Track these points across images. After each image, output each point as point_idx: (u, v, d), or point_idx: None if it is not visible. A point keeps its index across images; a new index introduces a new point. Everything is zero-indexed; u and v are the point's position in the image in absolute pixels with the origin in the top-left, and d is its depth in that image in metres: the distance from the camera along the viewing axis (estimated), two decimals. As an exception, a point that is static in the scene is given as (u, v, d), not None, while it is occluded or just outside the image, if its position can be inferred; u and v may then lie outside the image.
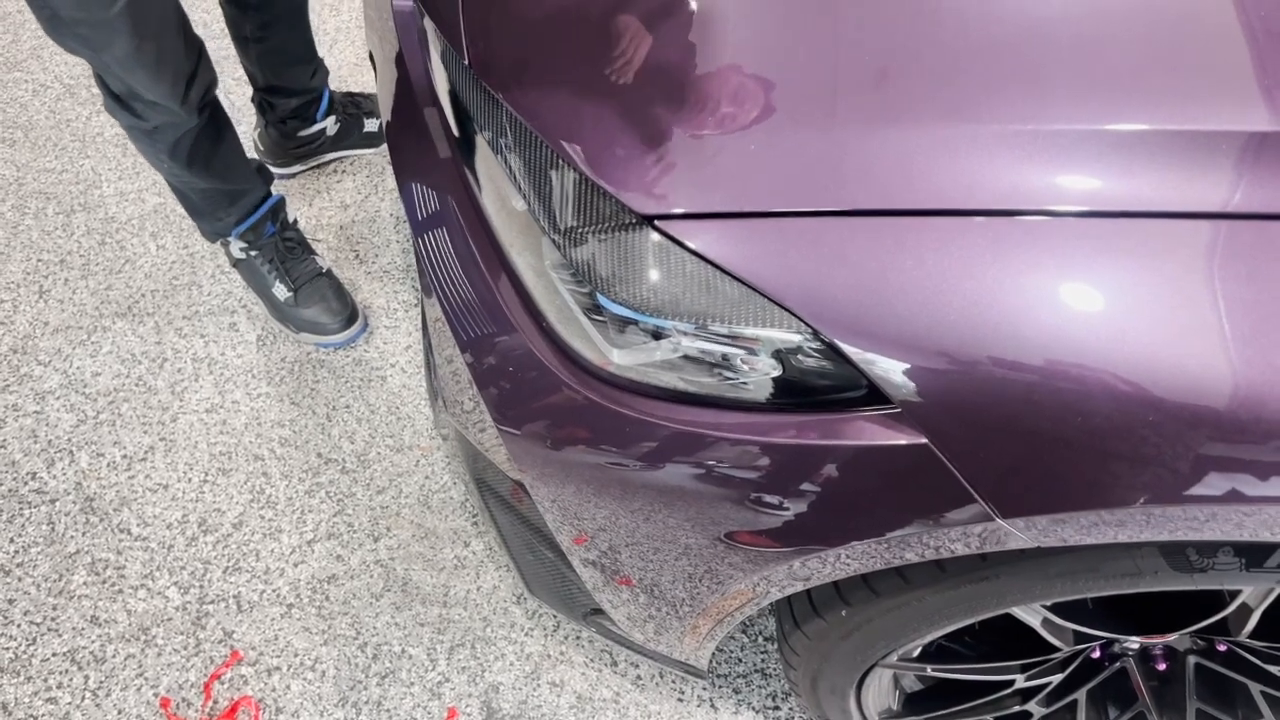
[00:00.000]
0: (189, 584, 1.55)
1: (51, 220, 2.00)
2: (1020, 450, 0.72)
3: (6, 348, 1.80)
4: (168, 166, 1.50)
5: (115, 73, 1.28)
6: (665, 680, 1.48)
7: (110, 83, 1.34)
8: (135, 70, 1.27)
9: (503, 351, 0.94)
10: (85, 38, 1.22)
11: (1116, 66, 0.75)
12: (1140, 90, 0.74)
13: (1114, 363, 0.68)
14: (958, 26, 0.79)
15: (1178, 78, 0.74)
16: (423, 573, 1.57)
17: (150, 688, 1.46)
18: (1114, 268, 0.69)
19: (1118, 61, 0.75)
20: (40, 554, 1.58)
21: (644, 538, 0.98)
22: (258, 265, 1.77)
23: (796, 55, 0.81)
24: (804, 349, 0.77)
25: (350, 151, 2.13)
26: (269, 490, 1.65)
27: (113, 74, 1.29)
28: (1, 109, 2.18)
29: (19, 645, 1.49)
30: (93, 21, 1.19)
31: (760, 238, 0.76)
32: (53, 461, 1.67)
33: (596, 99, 0.84)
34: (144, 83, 1.29)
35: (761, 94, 0.80)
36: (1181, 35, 0.77)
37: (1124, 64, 0.75)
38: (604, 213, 0.81)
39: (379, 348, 1.84)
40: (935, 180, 0.72)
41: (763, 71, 0.81)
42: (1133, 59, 0.75)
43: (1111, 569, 0.82)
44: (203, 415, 1.73)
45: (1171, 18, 0.77)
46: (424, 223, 1.02)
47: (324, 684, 1.46)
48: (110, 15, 1.18)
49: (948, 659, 1.08)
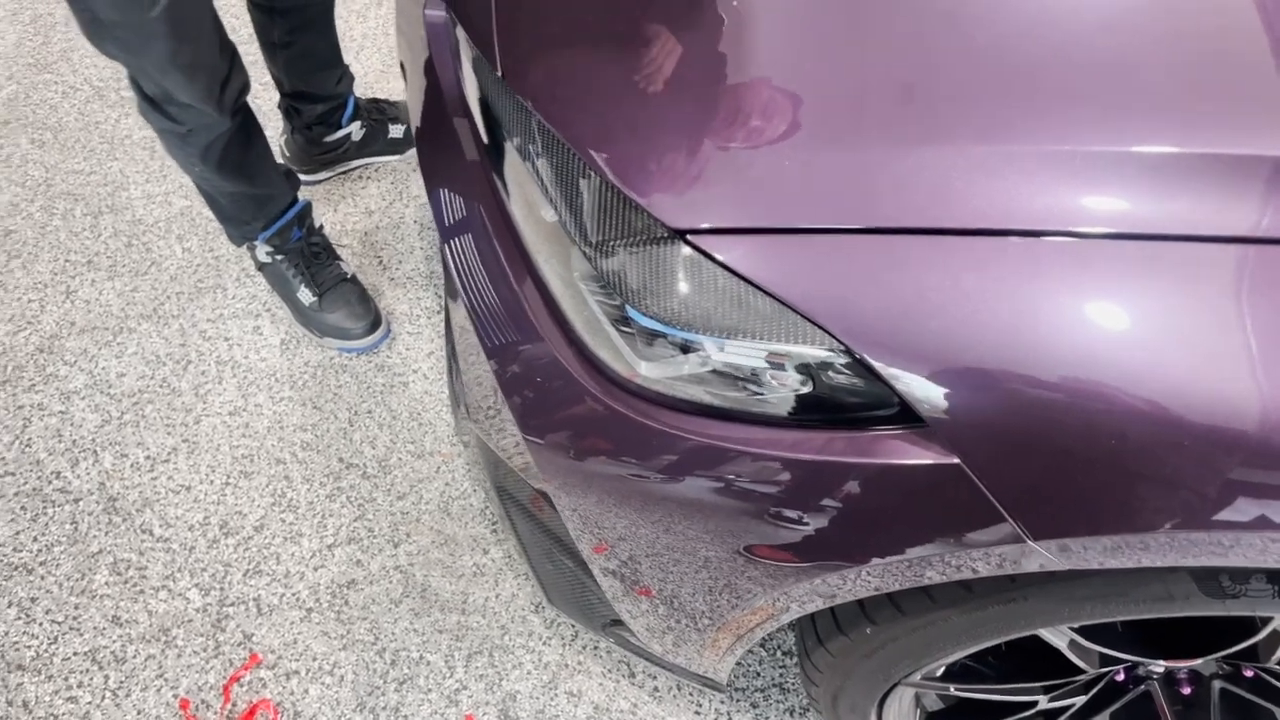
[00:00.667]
0: (210, 586, 1.56)
1: (79, 221, 2.01)
2: (1052, 471, 0.71)
3: (33, 347, 1.82)
4: (199, 170, 1.51)
5: (151, 76, 1.29)
6: (683, 693, 1.47)
7: (145, 86, 1.35)
8: (171, 73, 1.28)
9: (529, 360, 0.94)
10: (124, 40, 1.23)
11: (1149, 89, 0.75)
12: (1174, 113, 0.74)
13: (1148, 385, 0.67)
14: (992, 47, 0.79)
15: (1210, 101, 0.74)
16: (442, 579, 1.57)
17: (170, 689, 1.46)
18: (1147, 290, 0.69)
19: (1150, 84, 0.75)
20: (63, 553, 1.59)
21: (664, 549, 0.98)
22: (283, 269, 1.78)
23: (830, 73, 0.81)
24: (835, 366, 0.77)
25: (376, 159, 2.13)
26: (290, 494, 1.66)
27: (149, 77, 1.30)
28: (31, 110, 2.20)
29: (40, 644, 1.50)
30: (132, 24, 1.20)
31: (793, 254, 0.76)
32: (77, 461, 1.69)
33: (629, 112, 0.84)
34: (179, 85, 1.31)
35: (795, 110, 0.80)
36: (1213, 59, 0.77)
37: (1156, 87, 0.75)
38: (635, 225, 0.81)
39: (401, 354, 1.84)
40: (970, 200, 0.72)
41: (796, 88, 0.81)
42: (1165, 82, 0.75)
43: (1142, 593, 0.81)
44: (226, 418, 1.74)
45: (1203, 41, 0.77)
46: (452, 229, 1.02)
47: (342, 689, 1.47)
48: (149, 18, 1.19)
49: (971, 679, 1.07)
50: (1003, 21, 0.79)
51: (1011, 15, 0.80)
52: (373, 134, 2.08)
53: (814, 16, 0.84)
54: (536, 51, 0.93)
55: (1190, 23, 0.78)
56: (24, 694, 1.46)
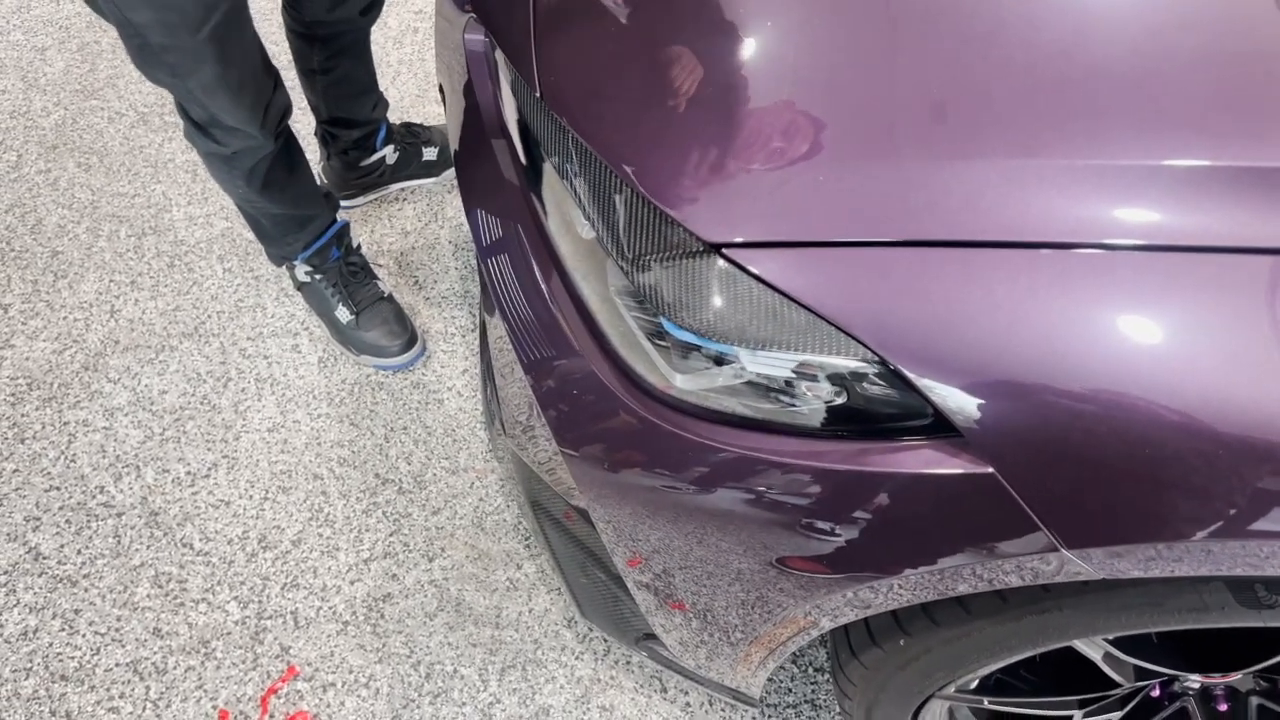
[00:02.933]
0: (248, 599, 1.58)
1: (124, 242, 2.06)
2: (1086, 481, 0.72)
3: (79, 364, 1.86)
4: (242, 192, 1.55)
5: (198, 99, 1.33)
6: (715, 708, 1.48)
7: (191, 111, 1.39)
8: (218, 94, 1.31)
9: (565, 374, 0.95)
10: (173, 65, 1.26)
11: (1180, 103, 0.76)
12: (1205, 127, 0.74)
13: (1181, 395, 0.68)
14: (1025, 63, 0.80)
15: (1241, 114, 0.75)
16: (476, 594, 1.58)
17: (209, 700, 1.49)
18: (1180, 301, 0.70)
19: (1181, 98, 0.76)
20: (106, 565, 1.62)
21: (697, 561, 0.98)
22: (322, 289, 1.81)
23: (864, 88, 0.82)
24: (870, 377, 0.78)
25: (411, 182, 2.17)
26: (327, 509, 1.68)
27: (195, 101, 1.34)
28: (79, 135, 2.26)
29: (84, 654, 1.53)
30: (181, 48, 1.24)
31: (828, 267, 0.77)
32: (120, 476, 1.72)
33: (664, 129, 0.86)
34: (225, 108, 1.34)
35: (828, 125, 0.81)
36: (1243, 72, 0.77)
37: (1187, 101, 0.76)
38: (671, 240, 0.83)
39: (437, 371, 1.87)
40: (1003, 213, 0.73)
41: (830, 104, 0.83)
42: (1196, 96, 0.76)
43: (1177, 603, 0.81)
44: (265, 434, 1.77)
45: (1233, 55, 0.78)
46: (490, 247, 1.04)
47: (378, 701, 1.48)
48: (197, 41, 1.22)
49: (1005, 692, 1.07)
50: (1035, 38, 0.81)
51: (1044, 32, 0.81)
52: (406, 157, 2.11)
53: (847, 34, 0.85)
54: (574, 72, 0.95)
55: (1220, 38, 0.79)
56: (67, 704, 1.48)
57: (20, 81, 2.37)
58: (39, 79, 2.38)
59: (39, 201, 2.13)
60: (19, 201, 2.13)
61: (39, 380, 1.84)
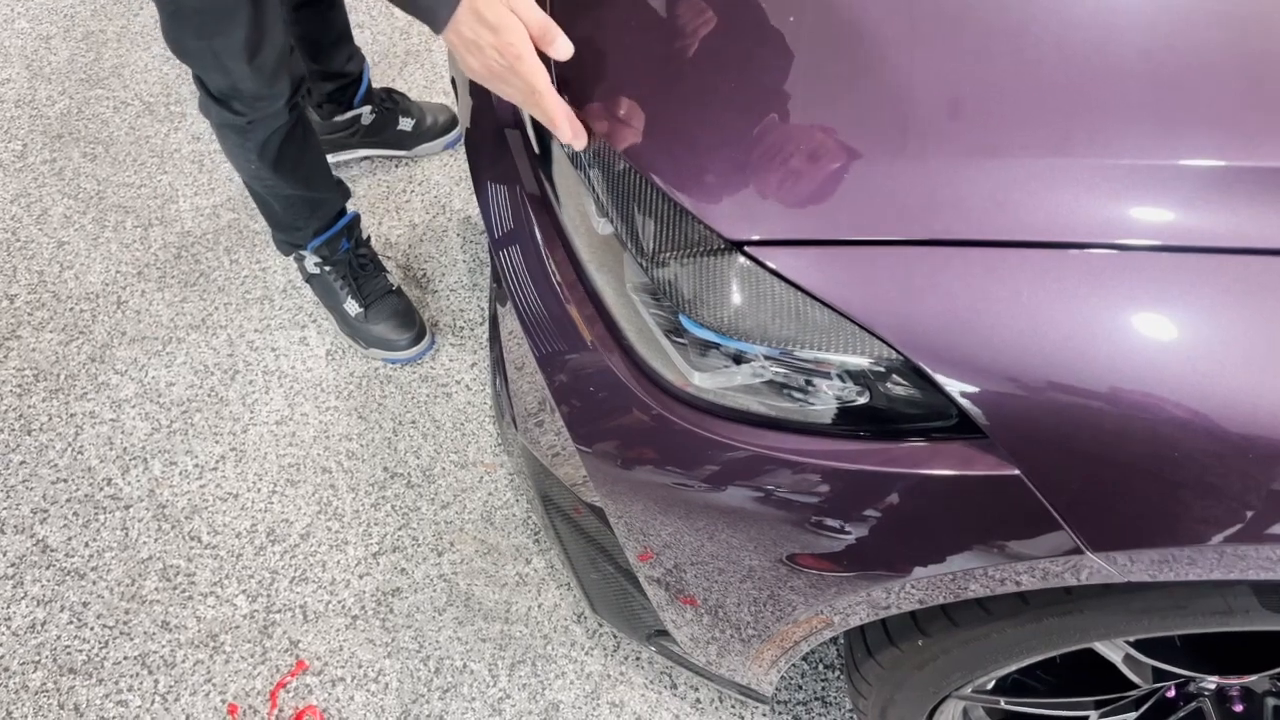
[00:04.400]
0: (257, 592, 1.58)
1: (130, 233, 2.05)
2: (1113, 484, 0.71)
3: (85, 356, 1.86)
4: (254, 168, 1.54)
5: (223, 63, 1.33)
6: (725, 705, 1.47)
7: (211, 81, 1.39)
8: (239, 59, 1.32)
9: (580, 369, 0.94)
10: (202, 26, 1.27)
11: (1207, 103, 0.75)
12: (1232, 127, 0.73)
13: (1210, 398, 0.67)
14: (1051, 60, 0.79)
15: (1267, 115, 0.74)
16: (485, 588, 1.58)
17: (218, 694, 1.48)
18: (1209, 303, 0.69)
19: (1208, 98, 0.75)
20: (114, 559, 1.61)
21: (709, 557, 0.98)
22: (330, 281, 1.80)
23: (888, 85, 0.81)
24: (893, 377, 0.77)
25: (384, 151, 2.16)
26: (336, 502, 1.68)
27: (220, 67, 1.34)
28: (84, 125, 2.25)
29: (92, 648, 1.53)
30: (216, 10, 1.25)
31: (851, 265, 0.76)
32: (127, 468, 1.71)
33: (685, 124, 0.85)
34: (247, 73, 1.34)
35: (853, 122, 0.80)
36: (1272, 71, 0.76)
37: (1214, 101, 0.75)
38: (691, 237, 0.82)
39: (445, 365, 1.86)
40: (1030, 212, 0.72)
41: (853, 100, 0.81)
42: (1222, 96, 0.75)
43: (1201, 606, 0.80)
44: (272, 427, 1.77)
45: (1260, 55, 0.77)
46: (503, 239, 1.03)
47: (387, 696, 1.48)
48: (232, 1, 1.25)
49: (1021, 692, 1.07)
50: (1062, 35, 0.79)
51: (1071, 30, 0.80)
52: (382, 121, 2.10)
53: (872, 32, 0.84)
54: (592, 65, 0.94)
55: (1247, 36, 0.78)
56: (75, 697, 1.48)
57: (25, 70, 2.36)
58: (44, 68, 2.37)
59: (44, 191, 2.12)
60: (24, 191, 2.12)
61: (46, 371, 1.83)
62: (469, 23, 0.86)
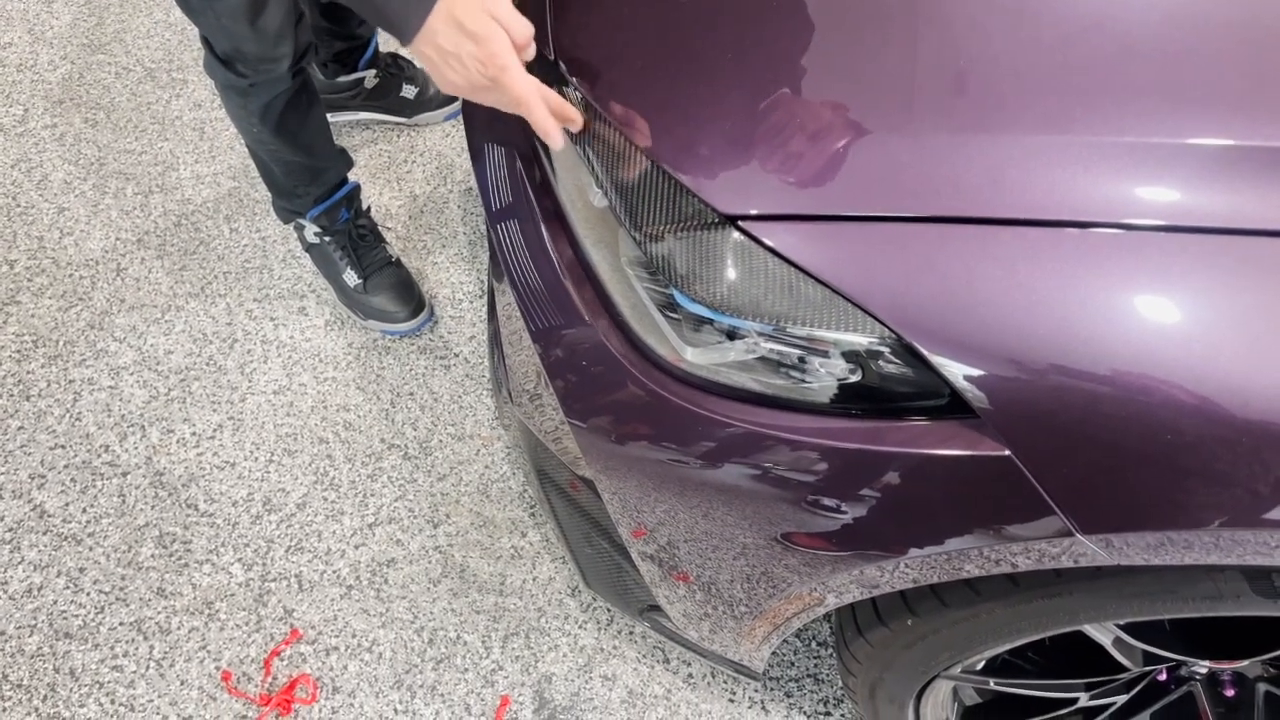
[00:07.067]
0: (252, 561, 1.58)
1: (130, 200, 2.04)
2: (1105, 466, 0.71)
3: (84, 323, 1.85)
4: (256, 131, 1.53)
5: (226, 26, 1.31)
6: (717, 680, 1.48)
7: (216, 43, 1.38)
8: (241, 20, 1.30)
9: (574, 344, 0.94)
10: None
11: (1210, 81, 0.74)
12: (1236, 106, 0.72)
13: (1204, 381, 0.67)
14: (1051, 38, 0.78)
15: (1272, 93, 0.73)
16: (480, 561, 1.58)
17: (213, 660, 1.49)
18: (1207, 285, 0.68)
19: (1211, 76, 0.74)
20: (111, 525, 1.62)
21: (703, 534, 0.98)
22: (330, 251, 1.80)
23: (887, 59, 0.80)
24: (885, 354, 0.76)
25: (384, 116, 2.15)
26: (332, 473, 1.68)
27: (223, 30, 1.33)
28: (85, 90, 2.24)
29: (88, 613, 1.53)
30: None
31: (846, 241, 0.75)
32: (125, 435, 1.72)
33: (681, 97, 0.84)
34: (249, 36, 1.33)
35: (850, 97, 0.79)
36: (1275, 50, 0.75)
37: (1217, 79, 0.74)
38: (686, 211, 0.81)
39: (444, 337, 1.86)
40: (1027, 190, 0.72)
41: (851, 75, 0.81)
42: (1226, 75, 0.74)
43: (1191, 591, 0.80)
44: (270, 396, 1.77)
45: (1266, 32, 0.76)
46: (500, 213, 1.02)
47: (380, 666, 1.49)
48: None
49: (1011, 673, 1.07)
50: (1063, 11, 0.78)
51: (1071, 6, 0.78)
52: (385, 86, 2.10)
53: (872, 6, 0.83)
54: (589, 37, 0.93)
55: (1254, 12, 0.77)
56: (71, 661, 1.49)
57: (27, 34, 2.34)
58: (45, 32, 2.35)
59: (45, 157, 2.11)
60: (25, 156, 2.11)
61: (45, 338, 1.83)
62: (447, 33, 0.81)
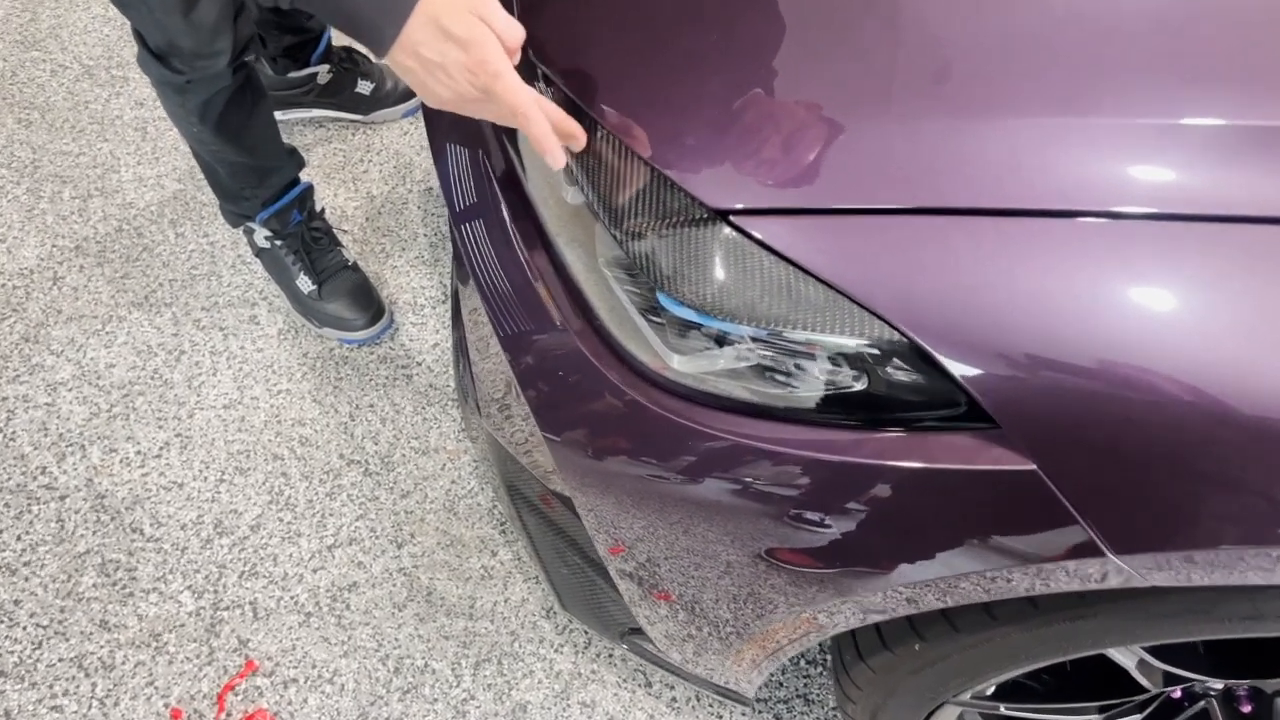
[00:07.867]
0: (203, 588, 1.49)
1: (68, 205, 1.94)
2: (1139, 481, 0.65)
3: (18, 336, 1.75)
4: (196, 130, 1.45)
5: (159, 19, 1.23)
6: (702, 704, 1.41)
7: (149, 36, 1.30)
8: (173, 13, 1.22)
9: (548, 351, 0.88)
10: None
11: (1220, 62, 0.69)
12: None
13: (1251, 388, 0.61)
14: (1052, 21, 0.73)
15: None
16: (448, 583, 1.50)
17: (161, 697, 1.40)
18: (1259, 280, 0.62)
19: (1221, 57, 0.70)
20: (48, 553, 1.52)
21: (684, 551, 0.92)
22: (282, 255, 1.71)
23: (881, 45, 0.75)
24: (894, 360, 0.70)
25: (338, 113, 2.08)
26: (288, 492, 1.59)
27: (155, 23, 1.25)
28: (19, 89, 2.13)
29: (24, 649, 1.43)
30: None
31: (847, 236, 0.69)
32: (63, 456, 1.62)
33: (663, 84, 0.79)
34: (182, 29, 1.25)
35: (845, 83, 0.74)
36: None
37: (1231, 60, 0.69)
38: (671, 206, 0.75)
39: (405, 345, 1.78)
40: (1041, 177, 0.66)
41: (847, 62, 0.75)
42: (1238, 56, 0.70)
43: (1226, 611, 0.74)
44: (220, 411, 1.68)
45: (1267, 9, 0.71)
46: (464, 212, 0.97)
47: (343, 698, 1.40)
48: None
49: (1022, 697, 1.01)
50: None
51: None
52: (339, 82, 2.03)
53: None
54: (562, 23, 0.87)
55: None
56: (6, 702, 1.39)
57: (-45, 31, 2.23)
58: (-25, 29, 2.24)
59: (-25, 160, 2.00)
60: (-46, 160, 2.00)
61: (-25, 353, 1.73)
62: (431, 41, 0.71)
